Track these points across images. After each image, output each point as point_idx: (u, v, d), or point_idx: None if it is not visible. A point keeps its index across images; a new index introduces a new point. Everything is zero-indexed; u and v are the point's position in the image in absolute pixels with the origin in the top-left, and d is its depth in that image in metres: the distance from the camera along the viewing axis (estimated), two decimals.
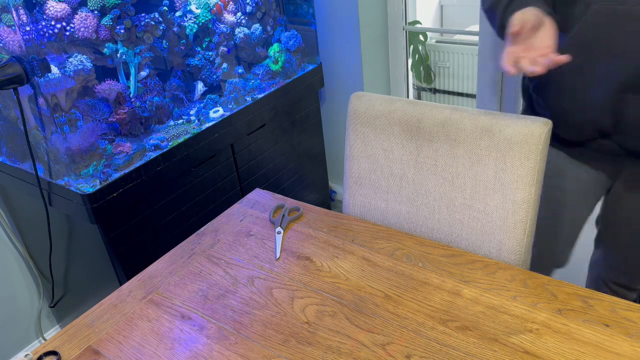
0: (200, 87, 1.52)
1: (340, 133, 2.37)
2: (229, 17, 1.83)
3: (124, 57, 1.53)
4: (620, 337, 0.82)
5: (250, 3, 1.87)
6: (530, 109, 1.20)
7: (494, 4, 1.04)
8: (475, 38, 2.06)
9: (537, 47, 0.92)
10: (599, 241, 1.38)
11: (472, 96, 3.06)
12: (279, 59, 1.96)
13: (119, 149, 1.52)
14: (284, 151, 2.07)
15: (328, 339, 0.88)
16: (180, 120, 1.71)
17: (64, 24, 1.40)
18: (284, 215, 1.20)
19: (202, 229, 1.21)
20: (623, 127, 1.03)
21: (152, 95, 1.64)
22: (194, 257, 1.13)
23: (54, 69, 1.38)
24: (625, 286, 1.36)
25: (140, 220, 1.57)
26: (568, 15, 1.02)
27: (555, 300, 0.90)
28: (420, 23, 3.06)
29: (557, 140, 1.15)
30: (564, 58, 0.89)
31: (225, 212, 1.26)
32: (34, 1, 1.33)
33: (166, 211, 1.64)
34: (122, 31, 1.51)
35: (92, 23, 1.45)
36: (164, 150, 1.58)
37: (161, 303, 1.01)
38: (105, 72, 1.52)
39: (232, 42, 1.86)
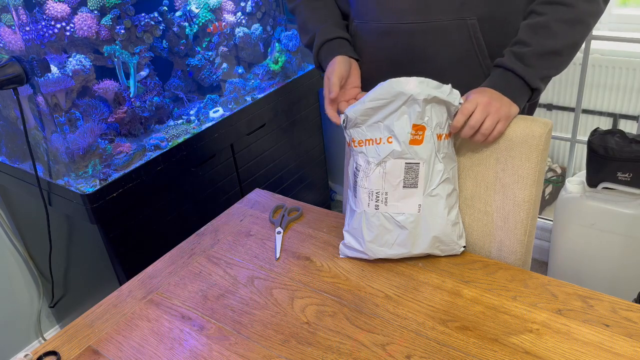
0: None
1: (340, 133, 2.37)
2: (229, 17, 1.83)
3: (122, 57, 1.53)
4: (620, 337, 0.82)
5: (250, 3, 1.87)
6: None
7: (308, 44, 1.21)
8: None
9: (349, 90, 1.11)
10: None
11: None
12: (279, 59, 1.96)
13: (118, 149, 1.52)
14: (284, 151, 2.07)
15: (328, 339, 0.88)
16: (180, 120, 1.71)
17: (63, 24, 1.40)
18: (283, 215, 1.20)
19: (202, 229, 1.21)
20: None
21: (152, 95, 1.64)
22: (194, 257, 1.12)
23: (54, 69, 1.38)
24: None
25: (140, 220, 1.57)
26: None
27: (555, 300, 0.90)
28: None
29: None
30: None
31: (225, 212, 1.26)
32: (34, 1, 1.33)
33: (166, 211, 1.64)
34: (122, 31, 1.51)
35: (92, 23, 1.45)
36: (164, 150, 1.58)
37: (161, 303, 1.01)
38: (105, 72, 1.52)
39: (232, 42, 1.85)
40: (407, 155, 0.97)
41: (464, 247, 1.04)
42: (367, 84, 1.07)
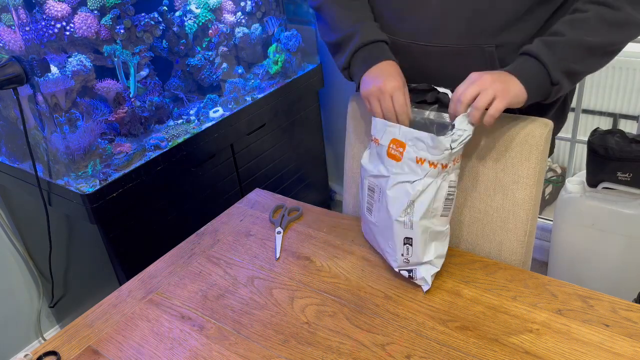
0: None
1: (340, 133, 2.37)
2: (229, 17, 1.83)
3: (122, 57, 1.53)
4: (620, 337, 0.82)
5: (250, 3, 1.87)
6: None
7: (336, 43, 1.08)
8: None
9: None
10: None
11: None
12: (278, 59, 1.96)
13: (118, 149, 1.52)
14: (284, 151, 2.07)
15: (328, 339, 0.88)
16: (180, 120, 1.71)
17: (63, 24, 1.40)
18: (283, 215, 1.20)
19: (202, 229, 1.21)
20: None
21: (152, 95, 1.64)
22: (194, 257, 1.12)
23: (54, 69, 1.38)
24: None
25: (140, 220, 1.57)
26: None
27: (555, 300, 0.90)
28: None
29: None
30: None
31: (225, 212, 1.26)
32: (33, 1, 1.33)
33: (166, 211, 1.64)
34: (122, 31, 1.51)
35: (92, 23, 1.45)
36: (164, 150, 1.58)
37: (161, 303, 1.01)
38: (105, 71, 1.52)
39: (232, 42, 1.86)
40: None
41: None
42: None
